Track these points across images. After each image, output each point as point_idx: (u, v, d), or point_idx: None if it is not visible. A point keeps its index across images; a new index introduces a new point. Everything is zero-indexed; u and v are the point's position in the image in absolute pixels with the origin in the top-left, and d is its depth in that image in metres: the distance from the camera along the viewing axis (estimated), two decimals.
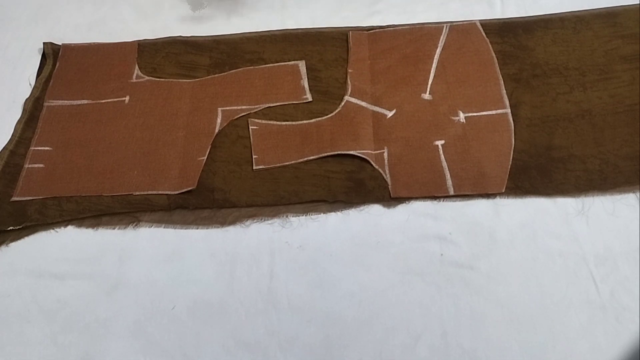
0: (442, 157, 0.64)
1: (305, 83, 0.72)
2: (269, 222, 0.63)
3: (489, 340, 0.54)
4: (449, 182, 0.63)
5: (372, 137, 0.67)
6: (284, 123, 0.69)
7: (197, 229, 0.63)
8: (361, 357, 0.54)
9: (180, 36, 0.79)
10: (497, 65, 0.71)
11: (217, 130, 0.69)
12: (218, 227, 0.63)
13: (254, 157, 0.67)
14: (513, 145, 0.64)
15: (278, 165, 0.66)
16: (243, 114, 0.70)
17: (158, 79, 0.75)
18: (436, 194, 0.62)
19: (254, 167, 0.66)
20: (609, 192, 0.61)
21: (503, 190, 0.62)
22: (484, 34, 0.74)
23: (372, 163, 0.65)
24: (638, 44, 0.71)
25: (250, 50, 0.76)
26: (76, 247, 0.63)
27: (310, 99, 0.71)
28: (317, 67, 0.74)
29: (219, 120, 0.70)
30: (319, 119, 0.69)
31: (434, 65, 0.72)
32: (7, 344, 0.57)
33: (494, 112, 0.67)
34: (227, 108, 0.71)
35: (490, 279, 0.57)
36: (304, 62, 0.74)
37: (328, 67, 0.74)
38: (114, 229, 0.64)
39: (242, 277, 0.59)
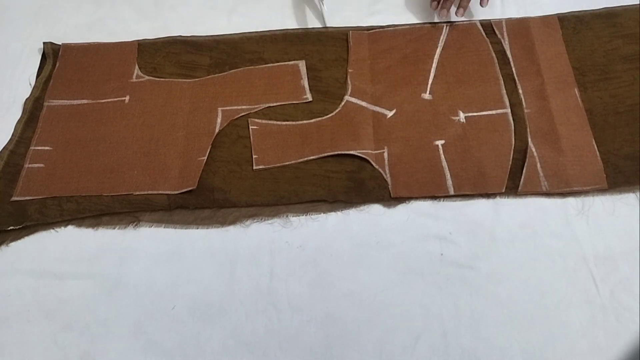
0: (442, 157, 0.64)
1: (305, 83, 0.72)
2: (269, 222, 0.63)
3: (489, 340, 0.54)
4: (449, 182, 0.63)
5: (372, 137, 0.67)
6: (284, 123, 0.69)
7: (197, 229, 0.63)
8: (361, 357, 0.54)
9: (180, 36, 0.79)
10: (497, 65, 0.71)
11: (217, 130, 0.69)
12: (218, 227, 0.63)
13: (254, 157, 0.67)
14: (513, 145, 0.64)
15: (278, 165, 0.66)
16: (243, 113, 0.70)
17: (158, 79, 0.75)
18: (436, 193, 0.62)
19: (254, 167, 0.66)
20: (609, 192, 0.61)
21: (503, 190, 0.62)
22: (484, 34, 0.74)
23: (372, 163, 0.65)
24: (638, 44, 0.70)
25: (250, 50, 0.76)
26: (76, 247, 0.63)
27: (310, 99, 0.71)
28: (317, 67, 0.74)
29: (219, 120, 0.70)
30: (319, 118, 0.69)
31: (434, 65, 0.72)
32: (7, 344, 0.57)
33: (494, 112, 0.67)
34: (227, 108, 0.71)
35: (490, 279, 0.57)
36: (304, 61, 0.74)
37: (328, 67, 0.74)
38: (114, 228, 0.64)
39: (242, 277, 0.59)
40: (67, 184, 0.66)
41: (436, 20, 0.77)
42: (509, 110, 0.67)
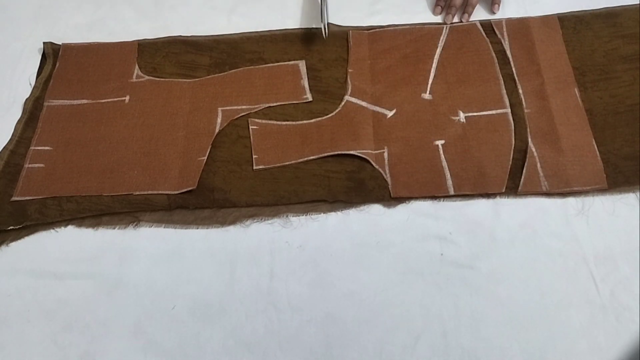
0: (442, 157, 0.64)
1: (305, 83, 0.72)
2: (269, 222, 0.63)
3: (489, 340, 0.54)
4: (449, 182, 0.63)
5: (372, 137, 0.67)
6: (284, 123, 0.69)
7: (197, 228, 0.63)
8: (361, 357, 0.54)
9: (180, 36, 0.79)
10: (497, 65, 0.71)
11: (217, 130, 0.69)
12: (218, 227, 0.63)
13: (254, 157, 0.67)
14: (513, 145, 0.64)
15: (278, 165, 0.66)
16: (243, 113, 0.70)
17: (158, 79, 0.75)
18: (436, 193, 0.62)
19: (254, 167, 0.66)
20: (609, 192, 0.61)
21: (503, 190, 0.62)
22: (484, 34, 0.74)
23: (372, 163, 0.65)
24: (638, 44, 0.71)
25: (250, 50, 0.76)
26: (76, 247, 0.63)
27: (310, 99, 0.71)
28: (317, 67, 0.74)
29: (219, 120, 0.70)
30: (319, 118, 0.69)
31: (434, 65, 0.72)
32: (7, 344, 0.57)
33: (494, 112, 0.67)
34: (227, 108, 0.71)
35: (490, 279, 0.57)
36: (304, 61, 0.74)
37: (328, 67, 0.74)
38: (114, 228, 0.64)
39: (242, 277, 0.59)
40: (67, 184, 0.66)
41: (436, 20, 0.77)
42: (509, 110, 0.67)
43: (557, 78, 0.69)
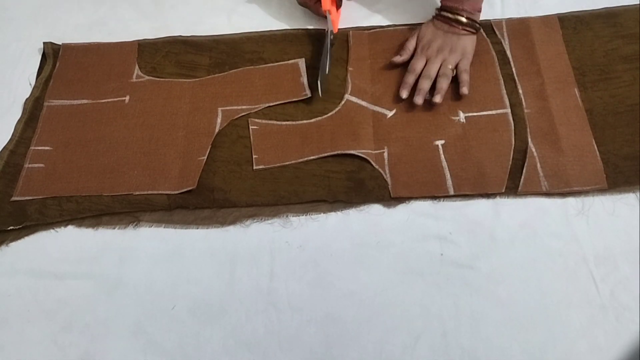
0: (442, 157, 0.64)
1: (305, 80, 0.72)
2: (269, 222, 0.63)
3: (489, 340, 0.54)
4: (449, 182, 0.63)
5: (372, 136, 0.67)
6: (284, 123, 0.69)
7: (197, 228, 0.63)
8: (361, 357, 0.54)
9: (180, 36, 0.79)
10: (497, 65, 0.71)
11: (217, 130, 0.69)
12: (218, 227, 0.63)
13: (254, 157, 0.67)
14: (513, 145, 0.64)
15: (278, 165, 0.66)
16: (243, 113, 0.70)
17: (158, 79, 0.75)
18: (436, 193, 0.62)
19: (254, 167, 0.66)
20: (609, 192, 0.61)
21: (503, 190, 0.62)
22: (484, 34, 0.74)
23: (372, 163, 0.64)
24: (638, 44, 0.70)
25: (250, 50, 0.76)
26: (76, 247, 0.63)
27: (309, 95, 0.71)
28: (317, 66, 0.74)
29: (219, 120, 0.70)
30: (319, 118, 0.69)
31: None
32: (7, 344, 0.57)
33: (494, 112, 0.67)
34: (227, 108, 0.71)
35: (490, 279, 0.57)
36: (303, 59, 0.74)
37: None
38: (114, 228, 0.64)
39: (242, 277, 0.59)
40: (67, 184, 0.66)
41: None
42: (509, 110, 0.67)
43: (557, 78, 0.69)
